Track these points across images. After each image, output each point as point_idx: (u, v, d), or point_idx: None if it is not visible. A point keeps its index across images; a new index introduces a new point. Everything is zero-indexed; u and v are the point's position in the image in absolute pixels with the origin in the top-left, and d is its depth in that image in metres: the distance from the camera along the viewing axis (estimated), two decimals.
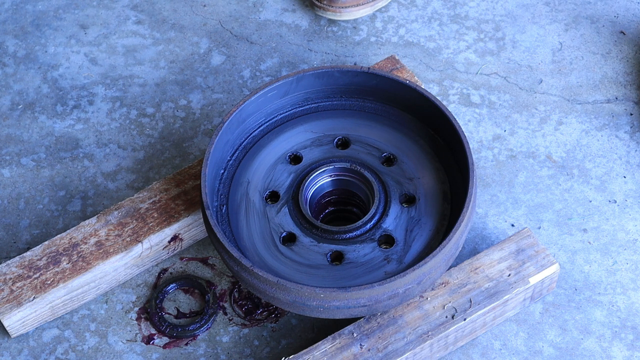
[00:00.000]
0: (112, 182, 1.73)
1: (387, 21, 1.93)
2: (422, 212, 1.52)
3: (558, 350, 1.52)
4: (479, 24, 1.92)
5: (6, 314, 1.51)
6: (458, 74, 1.85)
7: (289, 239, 1.51)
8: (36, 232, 1.67)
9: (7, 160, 1.76)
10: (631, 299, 1.57)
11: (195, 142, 1.78)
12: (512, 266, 1.51)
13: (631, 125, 1.76)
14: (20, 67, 1.89)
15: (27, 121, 1.81)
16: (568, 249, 1.62)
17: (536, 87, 1.82)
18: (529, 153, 1.74)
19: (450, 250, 1.43)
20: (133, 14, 1.96)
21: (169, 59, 1.89)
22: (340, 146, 1.60)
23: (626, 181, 1.70)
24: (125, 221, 1.58)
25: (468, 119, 1.78)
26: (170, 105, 1.83)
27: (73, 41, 1.92)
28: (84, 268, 1.54)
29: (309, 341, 1.54)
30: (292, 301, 1.40)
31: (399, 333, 1.45)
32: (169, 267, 1.63)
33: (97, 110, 1.82)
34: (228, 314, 1.57)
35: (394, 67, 1.74)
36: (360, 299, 1.39)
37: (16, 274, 1.54)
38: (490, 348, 1.53)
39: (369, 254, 1.48)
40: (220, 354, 1.54)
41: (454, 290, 1.49)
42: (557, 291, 1.58)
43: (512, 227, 1.65)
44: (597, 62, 1.85)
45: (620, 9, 1.93)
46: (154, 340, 1.55)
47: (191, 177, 1.63)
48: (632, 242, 1.63)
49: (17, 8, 1.98)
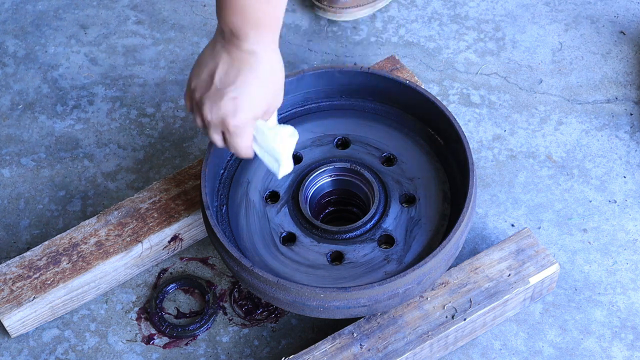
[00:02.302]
0: (112, 182, 1.73)
1: (387, 21, 1.93)
2: (422, 212, 1.52)
3: (558, 350, 1.52)
4: (479, 24, 1.92)
5: (6, 314, 1.51)
6: (458, 74, 1.85)
7: (289, 239, 1.51)
8: (36, 232, 1.67)
9: (7, 160, 1.76)
10: (631, 299, 1.57)
11: (195, 142, 1.78)
12: (512, 266, 1.51)
13: (631, 125, 1.76)
14: (20, 67, 1.89)
15: (27, 121, 1.81)
16: (568, 249, 1.62)
17: (536, 87, 1.82)
18: (529, 153, 1.74)
19: (450, 250, 1.43)
20: (133, 14, 1.96)
21: (169, 59, 1.89)
22: (340, 146, 1.60)
23: (626, 181, 1.70)
24: (125, 221, 1.58)
25: (468, 119, 1.78)
26: (170, 105, 1.83)
27: (73, 41, 1.92)
28: (84, 268, 1.54)
29: (309, 341, 1.54)
30: (292, 301, 1.41)
31: (399, 333, 1.45)
32: (169, 267, 1.63)
33: (97, 110, 1.82)
34: (228, 314, 1.57)
35: (394, 67, 1.74)
36: (360, 299, 1.39)
37: (16, 274, 1.54)
38: (490, 348, 1.53)
39: (369, 254, 1.48)
40: (220, 354, 1.54)
41: (454, 290, 1.49)
42: (557, 291, 1.58)
43: (512, 227, 1.65)
44: (597, 62, 1.85)
45: (620, 9, 1.93)
46: (154, 340, 1.55)
47: (191, 177, 1.63)
48: (632, 242, 1.63)
49: (17, 8, 1.98)
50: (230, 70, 1.25)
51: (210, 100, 1.26)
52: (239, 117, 1.26)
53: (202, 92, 1.27)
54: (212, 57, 1.27)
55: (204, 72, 1.27)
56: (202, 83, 1.27)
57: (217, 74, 1.25)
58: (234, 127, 1.27)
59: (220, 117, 1.26)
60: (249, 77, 1.25)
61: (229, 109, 1.25)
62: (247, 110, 1.26)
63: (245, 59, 1.25)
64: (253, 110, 1.27)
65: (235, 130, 1.27)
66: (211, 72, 1.26)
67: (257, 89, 1.26)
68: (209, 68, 1.27)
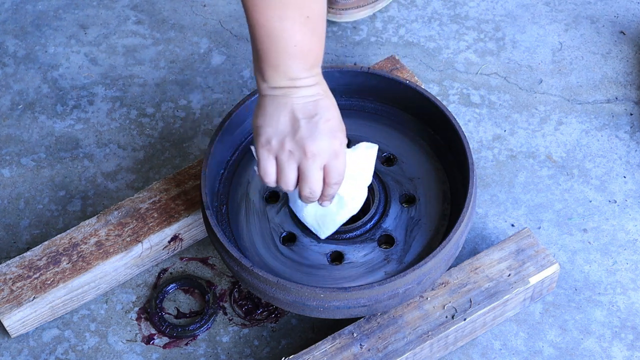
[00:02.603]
0: (112, 182, 1.73)
1: (387, 21, 1.93)
2: (422, 212, 1.52)
3: (558, 350, 1.52)
4: (479, 24, 1.92)
5: (6, 314, 1.51)
6: (458, 74, 1.85)
7: (289, 239, 1.51)
8: (36, 232, 1.67)
9: (7, 160, 1.76)
10: (631, 299, 1.57)
11: (195, 142, 1.78)
12: (512, 266, 1.51)
13: (631, 125, 1.76)
14: (20, 67, 1.89)
15: (27, 121, 1.81)
16: (568, 249, 1.62)
17: (536, 87, 1.82)
18: (529, 153, 1.74)
19: (450, 250, 1.43)
20: (133, 14, 1.96)
21: (169, 59, 1.89)
22: None
23: (626, 181, 1.70)
24: (125, 221, 1.58)
25: (468, 119, 1.78)
26: (170, 105, 1.83)
27: (73, 41, 1.92)
28: (84, 268, 1.54)
29: (309, 341, 1.54)
30: (292, 301, 1.41)
31: (399, 333, 1.45)
32: (169, 267, 1.63)
33: (97, 110, 1.82)
34: (228, 314, 1.57)
35: (394, 67, 1.74)
36: (360, 299, 1.39)
37: (16, 274, 1.54)
38: (490, 348, 1.53)
39: (369, 254, 1.48)
40: (220, 354, 1.54)
41: (454, 290, 1.49)
42: (557, 291, 1.58)
43: (512, 227, 1.65)
44: (597, 62, 1.85)
45: (620, 9, 1.93)
46: (154, 340, 1.55)
47: (191, 177, 1.63)
48: (632, 242, 1.63)
49: (17, 8, 1.98)
50: (307, 106, 1.28)
51: (305, 132, 1.27)
52: (338, 143, 1.29)
53: (291, 135, 1.28)
54: (281, 108, 1.28)
55: (281, 123, 1.28)
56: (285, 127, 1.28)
57: (297, 116, 1.27)
58: (340, 145, 1.29)
59: (325, 145, 1.28)
60: (325, 103, 1.29)
61: (327, 134, 1.27)
62: (341, 134, 1.30)
63: (313, 92, 1.28)
64: (342, 133, 1.31)
65: (340, 149, 1.29)
66: (291, 119, 1.27)
67: (335, 109, 1.30)
68: (286, 117, 1.28)
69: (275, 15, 1.23)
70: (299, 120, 1.27)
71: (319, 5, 1.26)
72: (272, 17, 1.23)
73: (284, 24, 1.24)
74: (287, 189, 1.32)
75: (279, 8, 1.23)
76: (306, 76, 1.28)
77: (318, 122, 1.27)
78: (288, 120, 1.28)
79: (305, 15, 1.24)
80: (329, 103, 1.29)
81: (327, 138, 1.27)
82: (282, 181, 1.31)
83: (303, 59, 1.27)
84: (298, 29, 1.24)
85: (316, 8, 1.25)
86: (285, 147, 1.28)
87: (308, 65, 1.28)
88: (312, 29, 1.25)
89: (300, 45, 1.25)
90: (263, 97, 1.30)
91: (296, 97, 1.28)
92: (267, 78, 1.28)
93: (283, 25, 1.23)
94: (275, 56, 1.26)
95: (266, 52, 1.26)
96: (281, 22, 1.23)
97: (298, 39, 1.25)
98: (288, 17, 1.23)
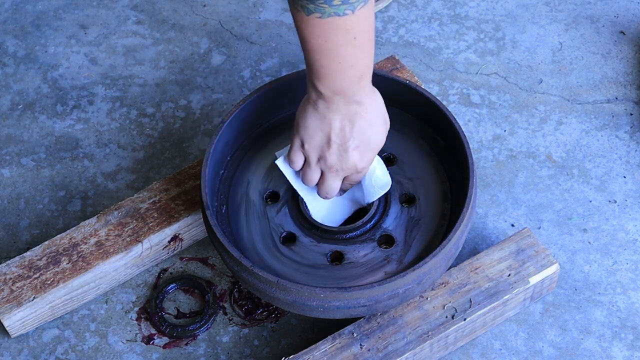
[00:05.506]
0: (112, 182, 1.73)
1: (387, 21, 1.93)
2: (422, 212, 1.52)
3: (558, 350, 1.52)
4: (479, 24, 1.92)
5: (6, 314, 1.51)
6: (458, 74, 1.85)
7: (289, 239, 1.51)
8: (36, 232, 1.68)
9: (7, 160, 1.76)
10: (631, 299, 1.57)
11: (195, 142, 1.78)
12: (512, 266, 1.51)
13: (631, 125, 1.76)
14: (20, 67, 1.89)
15: (27, 121, 1.81)
16: (568, 249, 1.62)
17: (536, 87, 1.82)
18: (529, 153, 1.74)
19: (450, 250, 1.43)
20: (133, 14, 1.96)
21: (169, 59, 1.89)
22: None
23: (626, 181, 1.70)
24: (125, 221, 1.58)
25: (468, 119, 1.78)
26: (170, 105, 1.83)
27: (73, 41, 1.92)
28: (84, 268, 1.54)
29: (309, 341, 1.54)
30: (292, 301, 1.41)
31: (399, 333, 1.45)
32: (169, 267, 1.63)
33: (97, 110, 1.83)
34: (228, 314, 1.57)
35: (394, 67, 1.74)
36: (360, 299, 1.39)
37: (16, 274, 1.54)
38: (490, 348, 1.53)
39: (369, 254, 1.48)
40: (220, 354, 1.54)
41: (454, 290, 1.49)
42: (557, 291, 1.58)
43: (512, 227, 1.65)
44: (597, 62, 1.85)
45: (620, 9, 1.93)
46: (154, 340, 1.55)
47: (191, 177, 1.63)
48: (632, 242, 1.63)
49: (17, 8, 1.98)
50: (344, 126, 1.35)
51: (335, 156, 1.38)
52: (365, 161, 1.40)
53: (323, 151, 1.38)
54: (321, 120, 1.36)
55: (317, 135, 1.37)
56: (319, 143, 1.38)
57: (332, 133, 1.36)
58: (362, 169, 1.41)
59: (350, 166, 1.39)
60: (362, 126, 1.36)
61: (355, 159, 1.38)
62: (370, 153, 1.40)
63: (354, 111, 1.35)
64: (374, 151, 1.40)
65: (362, 171, 1.42)
66: (327, 134, 1.36)
67: (372, 133, 1.37)
68: (323, 131, 1.36)
69: (322, 36, 1.27)
70: (333, 144, 1.36)
71: (367, 25, 1.29)
72: (319, 36, 1.27)
73: (328, 44, 1.27)
74: (306, 184, 1.45)
75: (325, 30, 1.26)
76: (350, 90, 1.33)
77: (348, 149, 1.37)
78: (324, 138, 1.36)
79: (352, 37, 1.27)
80: (366, 124, 1.36)
81: (353, 161, 1.38)
82: (304, 177, 1.44)
83: (345, 75, 1.31)
84: (343, 49, 1.28)
85: (364, 28, 1.28)
86: (315, 157, 1.40)
87: (351, 80, 1.32)
88: (358, 47, 1.29)
89: (344, 63, 1.29)
90: (309, 100, 1.36)
91: (336, 113, 1.34)
92: (313, 86, 1.34)
93: (328, 45, 1.28)
94: (319, 70, 1.31)
95: (311, 63, 1.31)
96: (326, 43, 1.27)
97: (342, 56, 1.29)
98: (332, 38, 1.27)
